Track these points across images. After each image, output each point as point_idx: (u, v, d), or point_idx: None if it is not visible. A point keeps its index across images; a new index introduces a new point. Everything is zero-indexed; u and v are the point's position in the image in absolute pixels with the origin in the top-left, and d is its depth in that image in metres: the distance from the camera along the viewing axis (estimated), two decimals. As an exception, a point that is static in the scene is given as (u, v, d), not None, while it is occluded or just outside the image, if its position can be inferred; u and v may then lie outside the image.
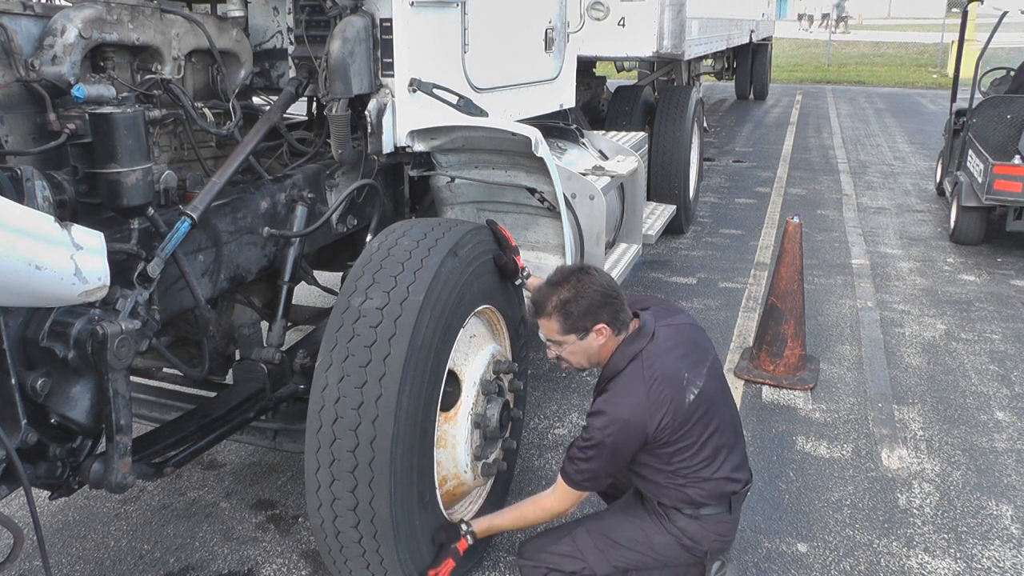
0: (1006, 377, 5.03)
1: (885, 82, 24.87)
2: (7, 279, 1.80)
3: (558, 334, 2.67)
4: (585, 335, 2.64)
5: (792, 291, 4.87)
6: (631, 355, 2.63)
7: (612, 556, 2.74)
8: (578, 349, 2.69)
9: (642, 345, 2.64)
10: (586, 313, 2.62)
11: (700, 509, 2.70)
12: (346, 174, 3.55)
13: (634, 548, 2.74)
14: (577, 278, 2.66)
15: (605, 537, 2.75)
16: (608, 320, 2.63)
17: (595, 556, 2.72)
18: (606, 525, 2.80)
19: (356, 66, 3.19)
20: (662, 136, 7.63)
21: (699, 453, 2.64)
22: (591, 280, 2.66)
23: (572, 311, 2.62)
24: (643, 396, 2.55)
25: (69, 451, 2.33)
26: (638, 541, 2.74)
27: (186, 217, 2.57)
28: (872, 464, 4.06)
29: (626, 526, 2.77)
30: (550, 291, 2.67)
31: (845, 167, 11.72)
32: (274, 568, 3.31)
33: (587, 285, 2.64)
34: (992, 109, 8.23)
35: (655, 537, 2.73)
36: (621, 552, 2.74)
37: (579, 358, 2.72)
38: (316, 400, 2.56)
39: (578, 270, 2.71)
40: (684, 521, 2.71)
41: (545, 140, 3.45)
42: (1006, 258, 7.45)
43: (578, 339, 2.66)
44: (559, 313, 2.63)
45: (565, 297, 2.63)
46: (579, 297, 2.62)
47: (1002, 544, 3.46)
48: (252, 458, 4.11)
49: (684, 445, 2.62)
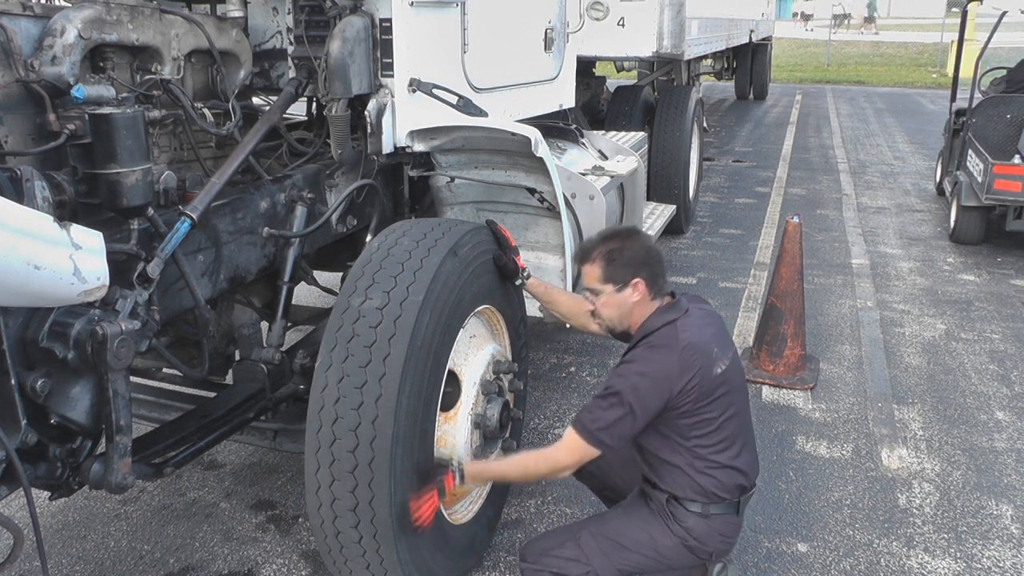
0: (1006, 377, 5.03)
1: (885, 82, 24.87)
2: (6, 279, 1.80)
3: (598, 281, 2.76)
4: (622, 287, 2.72)
5: (792, 291, 4.87)
6: (666, 320, 2.69)
7: (617, 559, 2.71)
8: (613, 301, 2.76)
9: (677, 315, 2.71)
10: (627, 265, 2.71)
11: (711, 506, 2.69)
12: (346, 174, 3.55)
13: (639, 551, 2.71)
14: (627, 234, 2.83)
15: (609, 540, 2.72)
16: (646, 278, 2.72)
17: (600, 560, 2.69)
18: (610, 528, 2.76)
19: (356, 66, 3.19)
20: (662, 136, 7.63)
21: (717, 433, 2.66)
22: (639, 239, 2.81)
23: (615, 259, 2.72)
24: (675, 355, 2.58)
25: (69, 451, 2.33)
26: (643, 544, 2.71)
27: (186, 217, 2.57)
28: (872, 464, 4.06)
29: (631, 529, 2.75)
30: (599, 241, 2.80)
31: (845, 167, 11.72)
32: (274, 568, 3.31)
33: (634, 242, 2.78)
34: (992, 109, 8.23)
35: (660, 540, 2.71)
36: (626, 555, 2.71)
37: (612, 311, 2.79)
38: (316, 400, 2.56)
39: (630, 229, 2.90)
40: (692, 520, 2.69)
41: (545, 140, 3.45)
42: (1006, 258, 7.45)
43: (615, 290, 2.74)
44: (602, 259, 2.73)
45: (612, 246, 2.74)
46: (624, 249, 2.73)
47: (1002, 544, 3.46)
48: (252, 458, 4.11)
49: (705, 419, 2.63)
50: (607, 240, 2.79)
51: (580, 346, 5.42)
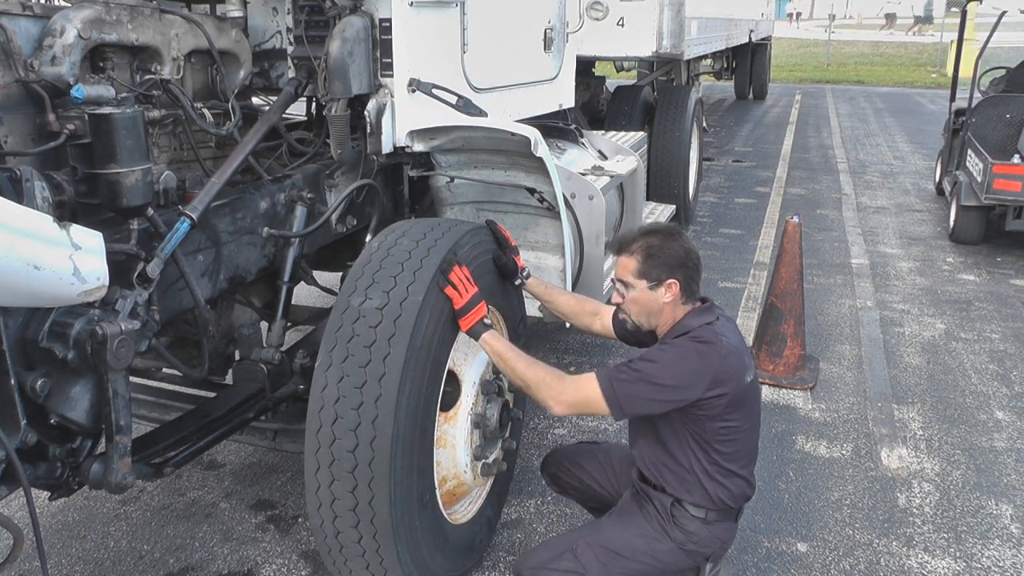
0: (1006, 376, 5.03)
1: (884, 82, 24.88)
2: (6, 279, 1.80)
3: (632, 275, 2.67)
4: (657, 286, 2.65)
5: (792, 291, 4.87)
6: (705, 321, 2.64)
7: (615, 568, 2.67)
8: (643, 298, 2.68)
9: (713, 319, 2.66)
10: (665, 264, 2.64)
11: (715, 512, 2.68)
12: (345, 174, 3.55)
13: (636, 558, 2.67)
14: (669, 232, 2.74)
15: (606, 549, 2.67)
16: (681, 280, 2.65)
17: (598, 569, 2.63)
18: (606, 537, 2.72)
19: (355, 66, 3.19)
20: (661, 136, 7.63)
21: (737, 442, 2.65)
22: (681, 240, 2.72)
23: (654, 256, 2.64)
24: (719, 354, 2.53)
25: (69, 451, 2.33)
26: (639, 550, 2.68)
27: (185, 217, 2.57)
28: (872, 464, 4.06)
29: (627, 536, 2.70)
30: (641, 234, 2.72)
31: (844, 167, 11.73)
32: (274, 568, 3.31)
33: (675, 241, 2.69)
34: (991, 108, 8.24)
35: (657, 545, 2.68)
36: (623, 563, 2.67)
37: (640, 308, 2.71)
38: (316, 400, 2.55)
39: (672, 227, 2.80)
40: (695, 525, 2.67)
41: (544, 140, 3.45)
42: (1005, 257, 7.45)
43: (648, 287, 2.66)
44: (641, 253, 2.65)
45: (653, 242, 2.66)
46: (664, 247, 2.65)
47: (1002, 543, 3.46)
48: (252, 458, 4.11)
49: (730, 426, 2.61)
50: (648, 235, 2.71)
51: (580, 346, 5.42)
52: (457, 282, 2.73)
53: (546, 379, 2.61)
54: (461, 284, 2.74)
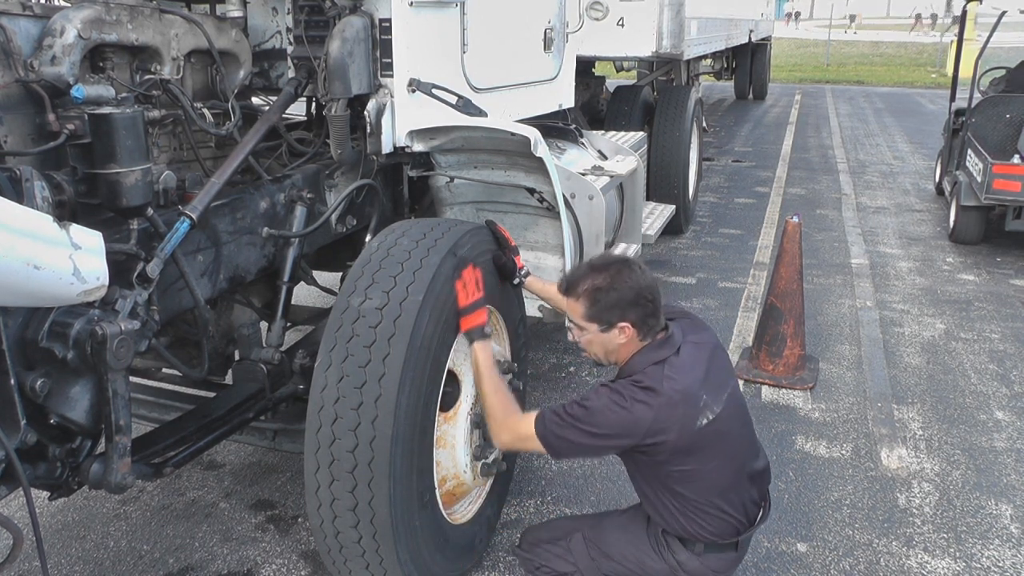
0: (1005, 376, 5.03)
1: (884, 82, 24.90)
2: (6, 279, 1.80)
3: (581, 318, 2.53)
4: (608, 328, 2.49)
5: (791, 291, 4.87)
6: (654, 360, 2.46)
7: (603, 566, 2.64)
8: (597, 340, 2.54)
9: (667, 355, 2.47)
10: (613, 307, 2.46)
11: (705, 547, 2.56)
12: (345, 174, 3.55)
13: (624, 564, 2.63)
14: (618, 269, 2.51)
15: (598, 548, 2.66)
16: (635, 321, 2.47)
17: (586, 563, 2.65)
18: (602, 537, 2.69)
19: (355, 66, 3.19)
20: (661, 136, 7.64)
21: (698, 482, 2.48)
22: (630, 276, 2.49)
23: (600, 300, 2.47)
24: (653, 407, 2.37)
25: (68, 451, 2.33)
26: (629, 559, 2.63)
27: (185, 217, 2.57)
28: (872, 464, 4.06)
29: (622, 543, 2.65)
30: (588, 273, 2.53)
31: (844, 167, 11.73)
32: (274, 568, 3.31)
33: (624, 279, 2.48)
34: (991, 108, 8.23)
35: (648, 561, 2.61)
36: (612, 565, 2.64)
37: (596, 349, 2.57)
38: (315, 400, 2.55)
39: (622, 262, 2.57)
40: (684, 555, 2.56)
41: (544, 140, 3.45)
42: (1005, 257, 7.45)
43: (599, 330, 2.51)
44: (587, 298, 2.49)
45: (598, 284, 2.48)
46: (612, 289, 2.46)
47: (1001, 543, 3.46)
48: (251, 458, 4.11)
49: (683, 470, 2.46)
50: (594, 273, 2.52)
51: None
52: (468, 281, 2.72)
53: (497, 409, 2.59)
54: (471, 284, 2.73)
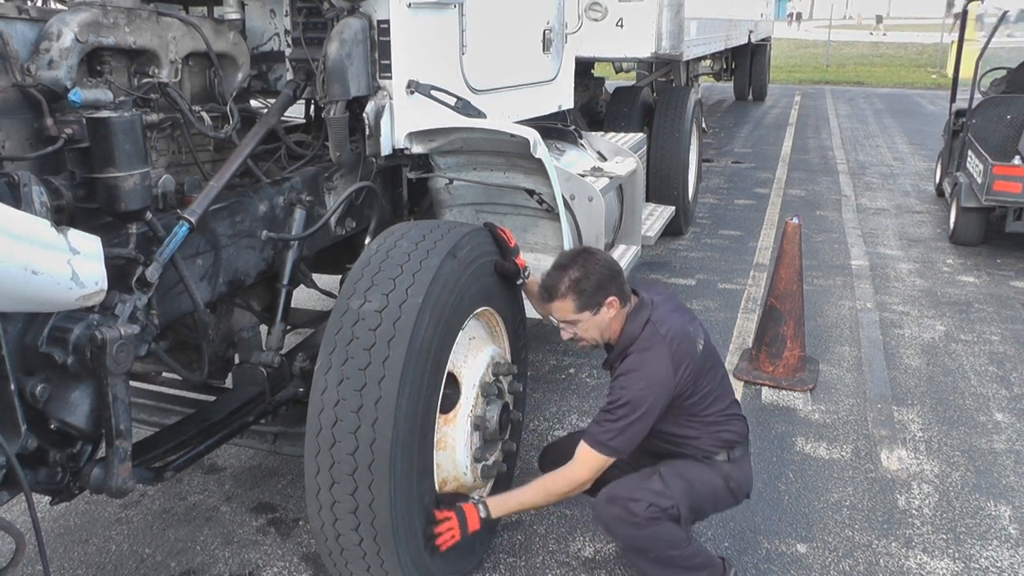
0: (1005, 378, 5.03)
1: (884, 83, 24.91)
2: (4, 284, 1.80)
3: (573, 312, 2.83)
4: (598, 310, 2.81)
5: (791, 292, 4.87)
6: (643, 321, 2.83)
7: (692, 496, 2.86)
8: (592, 324, 2.85)
9: (648, 312, 2.86)
10: (597, 289, 2.79)
11: (734, 451, 2.94)
12: (344, 177, 3.55)
13: (703, 489, 2.89)
14: (584, 258, 2.85)
15: (683, 479, 2.86)
16: (615, 292, 2.82)
17: (680, 496, 2.82)
18: (679, 469, 2.90)
19: (354, 68, 3.19)
20: (661, 137, 7.64)
21: (720, 398, 2.93)
22: (595, 258, 2.86)
23: (585, 288, 2.79)
24: (666, 353, 2.75)
25: (69, 456, 2.33)
26: (706, 483, 2.89)
27: (184, 221, 2.57)
28: (871, 465, 4.05)
29: (695, 469, 2.90)
30: (559, 273, 2.83)
31: (844, 168, 11.73)
32: (275, 571, 3.31)
33: (593, 263, 2.83)
34: (992, 109, 8.22)
35: (715, 480, 2.91)
36: (696, 492, 2.87)
37: (593, 333, 2.88)
38: (315, 403, 2.56)
39: (582, 251, 2.94)
40: (728, 467, 2.93)
41: (543, 141, 3.45)
42: (1005, 259, 7.45)
43: (592, 315, 2.82)
44: (573, 292, 2.79)
45: (576, 276, 2.79)
46: (589, 275, 2.79)
47: (1000, 544, 3.46)
48: (252, 462, 4.11)
49: (705, 391, 2.86)
50: (565, 269, 2.83)
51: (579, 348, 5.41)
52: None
53: (557, 482, 2.85)
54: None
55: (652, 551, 2.83)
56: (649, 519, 2.77)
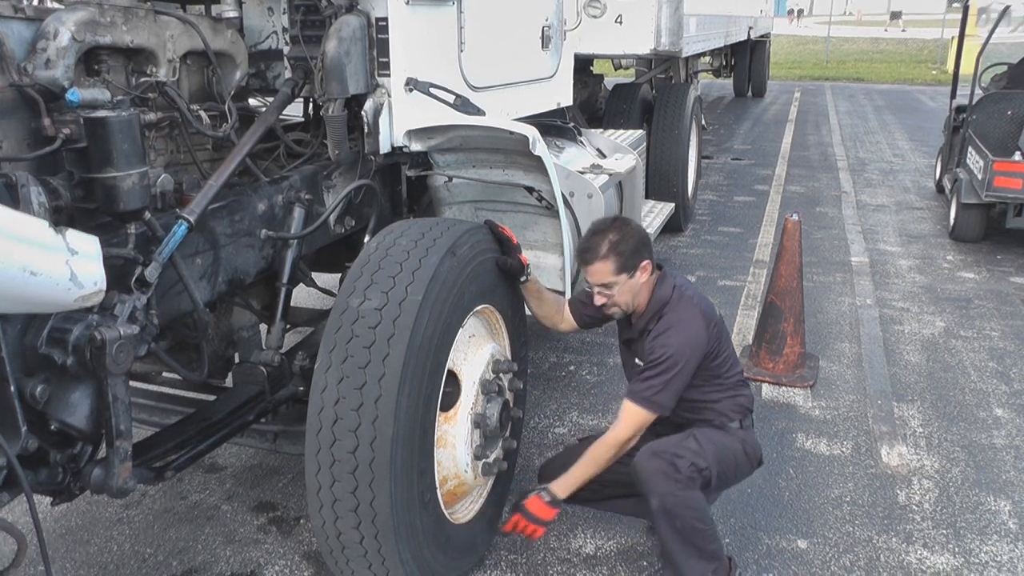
0: (1005, 374, 5.03)
1: (884, 79, 24.88)
2: (2, 285, 1.80)
3: (612, 274, 2.94)
4: (633, 273, 2.95)
5: (791, 289, 4.87)
6: (671, 285, 3.02)
7: (721, 461, 2.95)
8: (626, 288, 2.98)
9: (673, 279, 3.05)
10: (634, 252, 2.94)
11: (747, 418, 3.10)
12: (343, 175, 3.54)
13: (727, 454, 2.98)
14: (619, 223, 3.02)
15: (713, 443, 2.95)
16: (649, 257, 2.98)
17: (713, 459, 2.91)
18: (708, 433, 2.99)
19: (352, 66, 3.18)
20: (660, 134, 7.63)
21: (735, 364, 3.12)
22: (628, 224, 3.03)
23: (624, 250, 2.92)
24: (698, 312, 2.95)
25: (70, 457, 2.33)
26: (730, 447, 3.00)
27: (183, 221, 2.56)
28: (872, 461, 4.06)
29: (718, 434, 3.00)
30: (599, 237, 2.96)
31: (844, 164, 11.72)
32: (277, 570, 3.31)
33: (628, 228, 2.99)
34: (992, 105, 8.20)
35: (736, 445, 3.03)
36: (724, 456, 2.97)
37: (626, 297, 3.00)
38: (316, 402, 2.56)
39: (617, 218, 3.14)
40: (742, 432, 3.07)
41: (543, 139, 3.44)
42: (1006, 255, 7.45)
43: (628, 278, 2.96)
44: (613, 253, 2.92)
45: (615, 239, 2.93)
46: (627, 237, 2.95)
47: (1000, 539, 3.46)
48: (253, 461, 4.11)
49: (726, 354, 3.06)
50: (604, 233, 2.96)
51: (580, 345, 5.42)
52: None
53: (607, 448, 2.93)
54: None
55: (680, 517, 2.83)
56: (689, 478, 2.84)
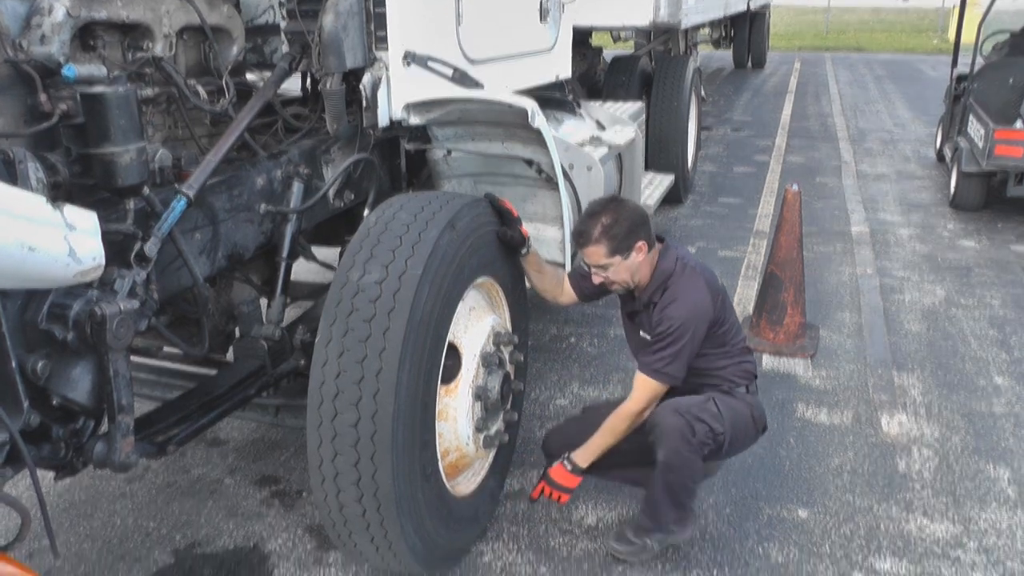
0: (1005, 342, 5.04)
1: (885, 48, 24.73)
2: (1, 261, 1.80)
3: (605, 257, 2.97)
4: (628, 254, 2.97)
5: (791, 259, 4.87)
6: (674, 258, 3.05)
7: (735, 427, 3.03)
8: (623, 268, 3.00)
9: (676, 251, 3.08)
10: (627, 234, 2.95)
11: (752, 384, 3.17)
12: (342, 149, 3.53)
13: (739, 420, 3.05)
14: (614, 205, 3.04)
15: (729, 407, 3.03)
16: (644, 237, 2.98)
17: (728, 424, 3.00)
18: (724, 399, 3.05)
19: (349, 40, 3.16)
20: (659, 106, 7.59)
21: (740, 331, 3.18)
22: (625, 206, 3.05)
23: (616, 233, 2.94)
24: (703, 283, 3.00)
25: (72, 432, 2.34)
26: (741, 413, 3.07)
27: (182, 196, 2.55)
28: (872, 430, 4.07)
29: (730, 399, 3.07)
30: (592, 220, 2.99)
31: (844, 134, 11.68)
32: (279, 543, 3.34)
33: (624, 209, 3.01)
34: (994, 73, 8.15)
35: (745, 410, 3.10)
36: (737, 421, 3.04)
37: (624, 276, 3.02)
38: (317, 375, 2.56)
39: (612, 199, 3.13)
40: (750, 398, 3.15)
41: (542, 111, 3.43)
42: (1006, 223, 7.44)
43: (623, 259, 2.97)
44: (605, 237, 2.95)
45: (607, 222, 2.95)
46: (620, 220, 2.96)
47: (999, 506, 3.48)
48: (255, 435, 4.13)
49: (731, 322, 3.12)
50: (597, 216, 2.99)
51: (580, 317, 5.43)
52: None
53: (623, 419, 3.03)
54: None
55: (678, 473, 2.96)
56: (700, 443, 2.93)
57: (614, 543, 3.17)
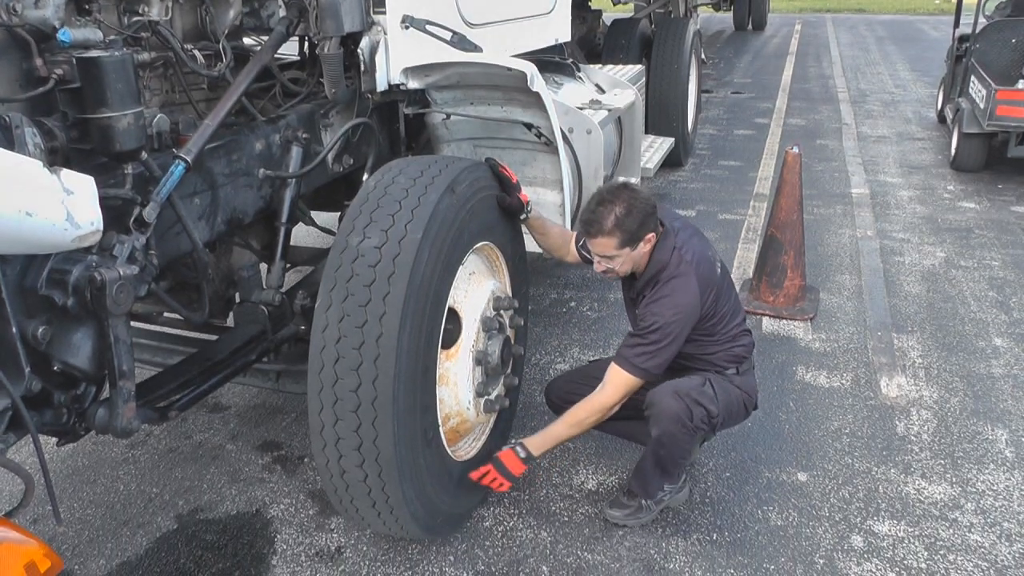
0: (1005, 303, 5.04)
1: (886, 9, 24.51)
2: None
3: (615, 249, 2.87)
4: (636, 246, 2.88)
5: (791, 222, 4.86)
6: (671, 248, 2.94)
7: (727, 408, 3.04)
8: (629, 259, 2.92)
9: (673, 239, 2.96)
10: (640, 226, 2.85)
11: (743, 364, 3.13)
12: (340, 113, 3.51)
13: (730, 401, 3.06)
14: (628, 194, 2.87)
15: (723, 389, 3.04)
16: (653, 228, 2.90)
17: (723, 406, 3.01)
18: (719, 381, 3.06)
19: (347, 3, 3.13)
20: (659, 69, 7.54)
21: (734, 316, 3.10)
22: (636, 195, 2.88)
23: (629, 226, 2.83)
24: (694, 280, 2.88)
25: (74, 398, 2.35)
26: (731, 393, 3.07)
27: (180, 161, 2.53)
28: (871, 393, 4.09)
29: (726, 383, 3.08)
30: (604, 210, 2.84)
31: (845, 96, 11.61)
32: (281, 508, 3.36)
33: (635, 200, 2.85)
34: (996, 33, 8.09)
35: (735, 391, 3.09)
36: (729, 402, 3.05)
37: (627, 266, 2.96)
38: (317, 341, 2.56)
39: (623, 186, 2.94)
40: (739, 379, 3.12)
41: (541, 75, 3.40)
42: (1007, 184, 7.41)
43: (631, 251, 2.89)
44: (619, 230, 2.83)
45: (621, 213, 2.82)
46: (633, 211, 2.83)
47: (996, 468, 3.50)
48: (256, 400, 4.14)
49: (724, 312, 3.03)
50: (611, 205, 2.84)
51: (580, 281, 5.43)
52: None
53: (590, 411, 2.96)
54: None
55: (669, 450, 2.99)
56: (695, 427, 2.94)
57: (609, 510, 3.20)
